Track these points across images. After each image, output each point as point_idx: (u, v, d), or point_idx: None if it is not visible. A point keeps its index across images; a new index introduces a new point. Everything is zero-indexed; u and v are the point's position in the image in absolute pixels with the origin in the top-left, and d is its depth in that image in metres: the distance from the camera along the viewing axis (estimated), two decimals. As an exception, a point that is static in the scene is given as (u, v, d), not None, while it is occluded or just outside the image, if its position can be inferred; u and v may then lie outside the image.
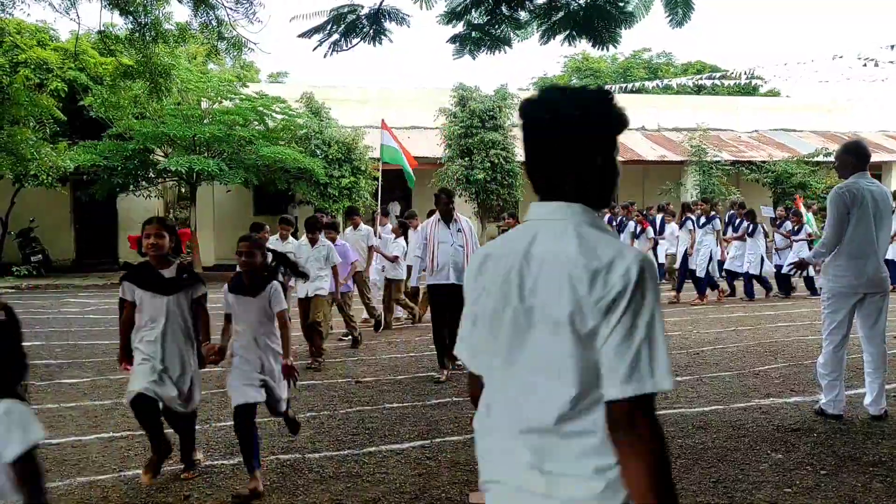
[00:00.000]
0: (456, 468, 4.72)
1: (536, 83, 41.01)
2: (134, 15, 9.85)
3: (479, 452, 1.74)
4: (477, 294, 1.73)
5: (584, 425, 1.54)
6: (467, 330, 1.79)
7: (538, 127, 1.69)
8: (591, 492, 1.52)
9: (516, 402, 1.62)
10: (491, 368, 1.70)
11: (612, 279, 1.50)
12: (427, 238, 7.33)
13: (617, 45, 5.86)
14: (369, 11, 4.90)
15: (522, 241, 1.65)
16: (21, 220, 18.46)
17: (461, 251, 7.29)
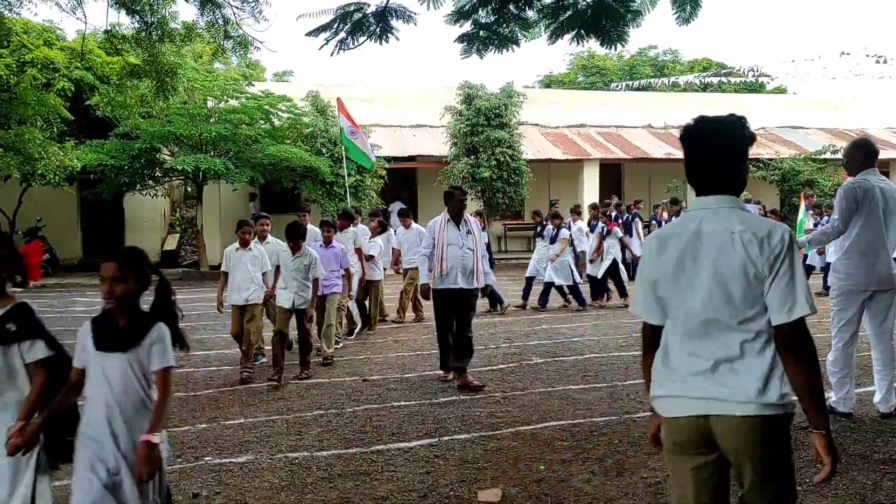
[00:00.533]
0: (464, 466, 4.72)
1: (542, 81, 40.99)
2: (140, 14, 9.87)
3: (659, 373, 2.47)
4: (659, 265, 2.46)
5: (745, 336, 2.33)
6: (643, 293, 2.53)
7: (701, 145, 2.48)
8: (756, 383, 2.29)
9: (697, 329, 2.38)
10: (676, 311, 2.43)
11: (773, 243, 2.30)
12: (435, 238, 6.92)
13: (625, 43, 5.84)
14: (376, 10, 4.89)
15: (693, 224, 2.41)
16: (28, 219, 18.52)
17: (470, 255, 6.88)
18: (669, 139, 24.86)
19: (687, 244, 2.38)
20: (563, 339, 9.24)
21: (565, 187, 22.83)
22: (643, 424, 5.53)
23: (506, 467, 4.69)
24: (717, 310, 2.33)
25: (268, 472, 4.67)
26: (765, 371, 2.29)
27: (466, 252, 6.85)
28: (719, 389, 2.30)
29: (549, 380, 7.13)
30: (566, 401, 6.31)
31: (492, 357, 8.25)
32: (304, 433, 5.48)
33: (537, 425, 5.59)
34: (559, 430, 5.46)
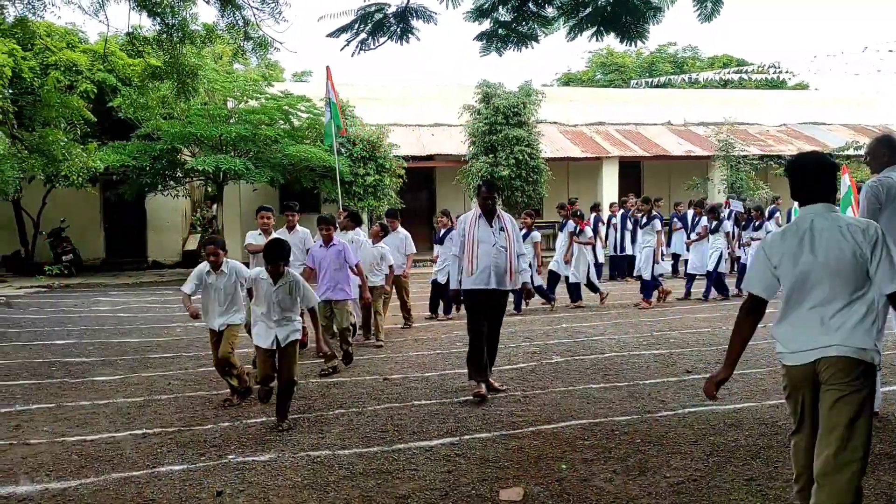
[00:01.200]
0: (485, 465, 4.72)
1: (560, 79, 40.83)
2: (161, 16, 9.96)
3: (783, 334, 3.31)
4: (780, 252, 3.27)
5: (851, 302, 3.13)
6: (762, 273, 3.35)
7: (812, 174, 3.32)
8: (856, 336, 3.10)
9: (814, 299, 3.19)
10: (795, 286, 3.23)
11: (870, 233, 3.13)
12: (465, 236, 6.46)
13: (645, 40, 5.82)
14: (396, 10, 4.90)
15: (805, 223, 3.26)
16: (52, 220, 18.77)
17: (504, 253, 6.41)
18: (689, 136, 24.69)
19: (803, 236, 3.22)
20: (583, 338, 9.20)
21: (584, 185, 22.75)
22: (665, 423, 5.51)
23: (527, 466, 4.69)
24: (831, 283, 3.14)
25: (290, 470, 4.70)
26: (865, 327, 3.11)
27: (500, 250, 6.40)
28: (828, 340, 3.11)
29: (570, 378, 7.11)
30: (587, 399, 6.29)
31: (512, 356, 8.24)
32: (325, 432, 5.51)
33: (558, 424, 5.58)
34: (580, 428, 5.45)
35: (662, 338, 9.22)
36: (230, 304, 6.35)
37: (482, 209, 6.53)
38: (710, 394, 3.60)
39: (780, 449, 4.86)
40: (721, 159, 22.17)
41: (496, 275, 6.39)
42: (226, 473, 4.64)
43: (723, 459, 4.72)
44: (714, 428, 5.39)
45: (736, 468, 4.55)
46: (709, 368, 7.38)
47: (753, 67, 26.90)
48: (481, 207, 6.54)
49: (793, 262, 3.23)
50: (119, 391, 6.95)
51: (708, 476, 4.43)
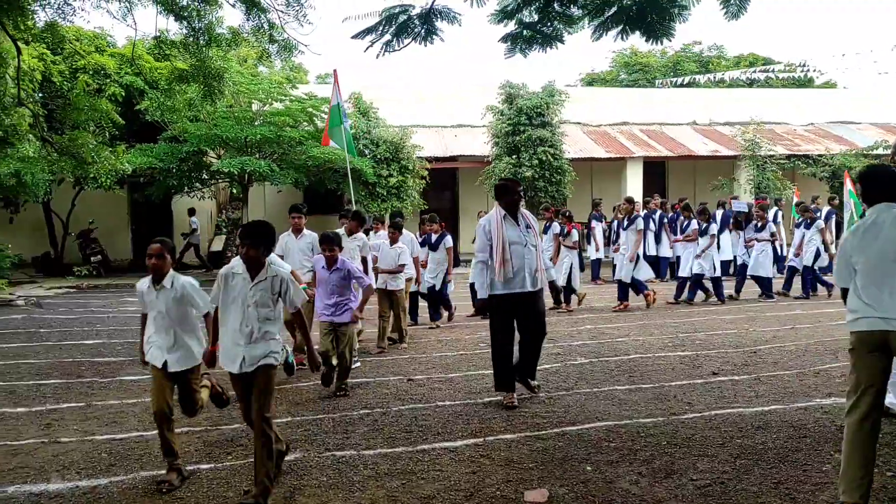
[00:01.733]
0: (510, 466, 4.71)
1: (584, 79, 40.66)
2: (188, 20, 10.07)
3: (853, 304, 3.97)
4: (854, 242, 3.99)
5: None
6: (843, 266, 4.06)
7: (888, 182, 4.04)
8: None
9: (876, 276, 3.88)
10: (863, 267, 3.93)
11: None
12: (493, 237, 6.03)
13: (671, 38, 5.78)
14: (421, 11, 4.92)
15: (870, 218, 3.98)
16: (81, 221, 19.06)
17: (533, 253, 6.11)
18: (715, 136, 24.45)
19: (869, 227, 3.96)
20: (608, 340, 9.15)
21: (608, 186, 22.63)
22: (691, 425, 5.47)
23: (552, 468, 4.67)
24: (888, 263, 3.84)
25: (316, 469, 4.72)
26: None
27: (531, 249, 6.10)
28: (891, 311, 3.79)
29: (594, 380, 7.07)
30: (612, 401, 6.26)
31: (536, 357, 8.21)
32: (350, 432, 5.53)
33: (583, 426, 5.55)
34: (605, 430, 5.42)
35: (688, 339, 9.14)
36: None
37: (508, 207, 6.12)
38: None
39: (809, 452, 4.80)
40: (747, 159, 21.93)
41: (530, 275, 6.08)
42: (252, 472, 4.67)
43: (750, 462, 4.67)
44: (741, 430, 5.34)
45: (764, 471, 4.50)
46: (736, 370, 7.31)
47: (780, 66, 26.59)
48: (508, 206, 6.12)
49: (863, 249, 3.95)
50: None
51: (735, 479, 4.39)
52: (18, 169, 13.68)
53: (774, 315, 11.08)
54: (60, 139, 12.12)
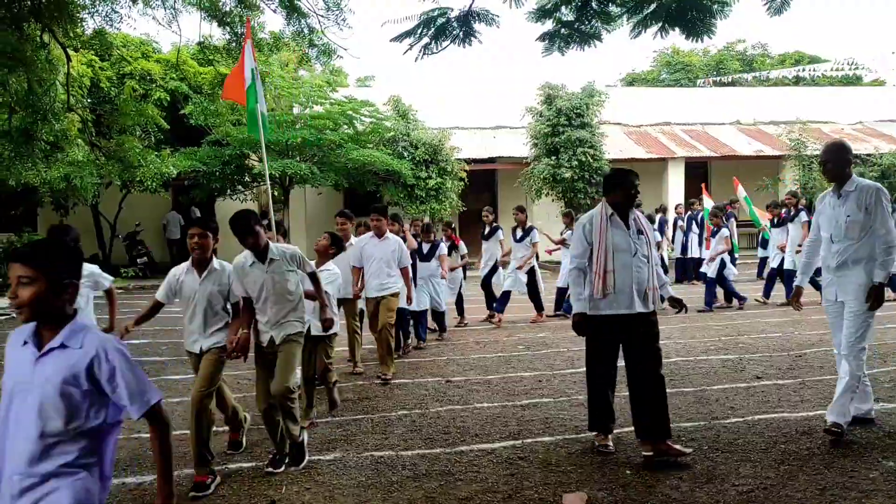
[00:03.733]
0: (548, 469, 4.69)
1: (624, 79, 40.28)
2: (231, 26, 10.27)
3: None
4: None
5: None
6: None
7: None
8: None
9: None
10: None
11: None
12: (594, 241, 4.82)
13: (711, 35, 5.70)
14: (459, 14, 4.93)
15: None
16: (128, 223, 19.51)
17: (646, 266, 4.82)
18: (759, 136, 24.02)
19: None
20: (649, 342, 9.04)
21: (649, 187, 22.34)
22: (734, 430, 5.37)
23: (591, 471, 4.64)
24: None
25: (355, 469, 4.76)
26: None
27: (640, 260, 4.81)
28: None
29: (635, 383, 6.99)
30: (652, 405, 6.18)
31: (575, 359, 8.15)
32: (389, 432, 5.56)
33: (623, 429, 5.49)
34: (646, 434, 5.35)
35: (731, 342, 8.98)
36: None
37: (618, 205, 4.85)
38: None
39: (855, 459, 4.68)
40: (793, 159, 21.48)
41: (639, 293, 4.80)
42: (293, 471, 4.73)
43: (795, 468, 4.57)
44: (786, 435, 5.22)
45: (808, 477, 4.40)
46: (780, 374, 7.16)
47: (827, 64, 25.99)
48: (619, 203, 4.85)
49: None
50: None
51: (779, 485, 4.30)
52: (68, 173, 14.05)
53: (820, 318, 10.78)
54: (108, 144, 12.45)
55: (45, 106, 10.37)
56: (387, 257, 7.54)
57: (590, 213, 4.96)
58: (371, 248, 7.60)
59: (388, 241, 7.64)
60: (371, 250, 7.59)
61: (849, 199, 5.03)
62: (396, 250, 7.60)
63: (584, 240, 4.89)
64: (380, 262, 7.53)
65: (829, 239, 5.12)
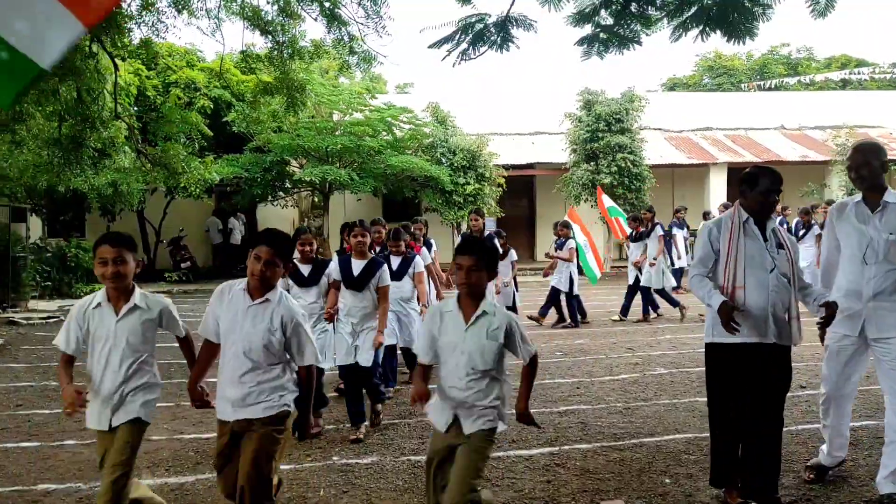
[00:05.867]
0: (585, 476, 4.65)
1: (665, 84, 39.85)
2: (273, 34, 10.43)
3: None
4: None
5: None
6: None
7: None
8: None
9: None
10: None
11: None
12: (722, 250, 4.00)
13: (754, 38, 5.61)
14: (497, 19, 4.95)
15: None
16: (171, 229, 19.92)
17: (786, 286, 3.93)
18: (805, 141, 23.55)
19: None
20: (689, 350, 8.93)
21: (690, 193, 22.08)
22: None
23: (629, 479, 4.59)
24: None
25: (392, 473, 4.78)
26: None
27: (780, 280, 3.91)
28: None
29: (675, 391, 6.91)
30: (692, 413, 6.10)
31: (614, 367, 8.09)
32: (426, 437, 5.56)
33: (662, 437, 5.43)
34: (685, 442, 5.29)
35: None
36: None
37: (755, 210, 3.99)
38: None
39: (905, 471, 4.54)
40: (839, 164, 20.99)
41: (776, 320, 3.91)
42: (331, 474, 4.77)
43: (840, 480, 4.46)
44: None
45: (854, 489, 4.30)
46: (818, 385, 6.97)
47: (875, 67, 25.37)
48: (756, 208, 3.99)
49: None
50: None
51: (823, 496, 4.21)
52: (115, 179, 14.42)
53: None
54: (154, 151, 12.72)
55: (94, 114, 10.65)
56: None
57: (718, 217, 4.18)
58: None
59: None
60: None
61: (888, 212, 4.11)
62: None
63: (708, 245, 4.04)
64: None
65: (859, 261, 4.15)
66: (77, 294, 15.11)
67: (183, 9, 9.94)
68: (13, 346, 9.75)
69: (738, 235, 3.95)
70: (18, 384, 7.59)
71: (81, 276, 15.63)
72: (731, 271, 3.93)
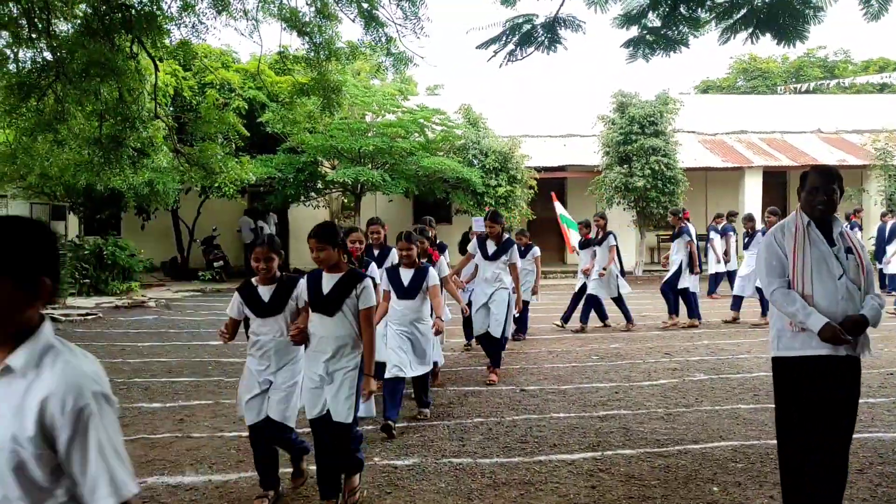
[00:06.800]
0: (631, 482, 4.59)
1: (699, 87, 39.42)
2: (310, 35, 10.47)
3: None
4: None
5: None
6: None
7: None
8: None
9: None
10: None
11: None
12: (790, 256, 3.67)
13: (804, 40, 5.52)
14: (545, 20, 4.91)
15: None
16: (205, 228, 20.12)
17: (856, 294, 3.60)
18: (842, 145, 23.14)
19: None
20: (728, 356, 8.79)
21: (724, 197, 21.80)
22: (825, 450, 5.15)
23: (675, 486, 4.52)
24: None
25: (434, 475, 4.76)
26: None
27: (850, 287, 3.59)
28: None
29: (716, 398, 6.80)
30: (736, 420, 6.00)
31: (651, 371, 7.99)
32: (465, 440, 5.54)
33: (706, 444, 5.34)
34: (731, 450, 5.19)
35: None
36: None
37: (816, 211, 3.68)
38: None
39: (962, 484, 4.43)
40: (878, 168, 20.61)
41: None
42: (373, 474, 4.77)
43: (892, 491, 4.36)
44: (881, 456, 4.99)
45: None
46: (870, 392, 6.84)
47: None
48: (817, 208, 3.67)
49: None
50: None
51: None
52: (151, 178, 14.59)
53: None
54: (191, 150, 12.84)
55: (134, 114, 10.76)
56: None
57: (781, 223, 3.84)
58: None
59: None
60: None
61: None
62: None
63: (779, 252, 3.70)
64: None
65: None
66: (113, 291, 15.33)
67: (223, 10, 10.01)
68: (54, 341, 9.91)
69: (802, 241, 3.65)
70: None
71: (118, 274, 15.85)
72: (797, 279, 3.62)
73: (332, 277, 4.25)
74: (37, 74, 10.14)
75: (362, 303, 4.20)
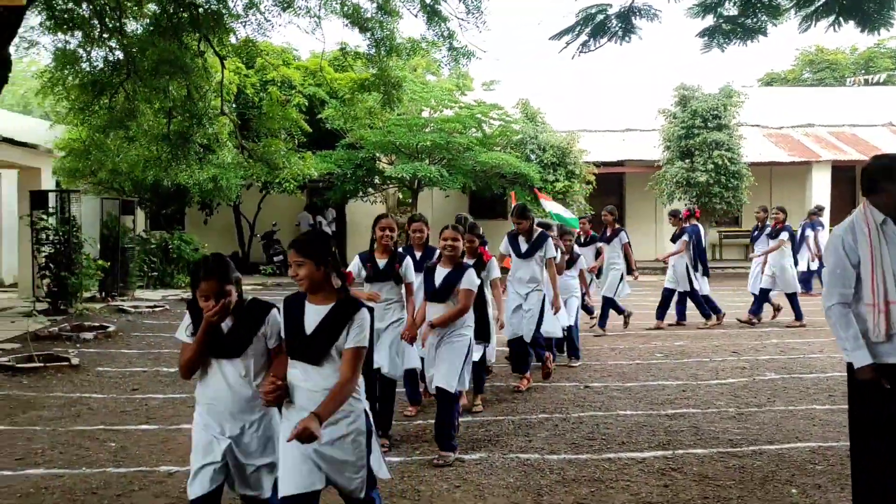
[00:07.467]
0: (705, 482, 4.48)
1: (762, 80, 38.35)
2: (371, 31, 10.54)
3: None
4: None
5: None
6: None
7: None
8: None
9: None
10: None
11: None
12: (863, 261, 3.39)
13: (889, 27, 5.30)
14: (620, 10, 4.82)
15: None
16: (265, 223, 20.48)
17: None
18: (917, 138, 22.23)
19: None
20: (799, 356, 8.52)
21: (790, 192, 21.17)
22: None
23: (752, 487, 4.39)
24: None
25: (502, 470, 4.73)
26: None
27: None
28: None
29: (789, 398, 6.60)
30: (812, 421, 5.80)
31: (719, 370, 7.80)
32: (532, 435, 5.50)
33: (782, 445, 5.19)
34: (809, 451, 5.03)
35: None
36: None
37: (893, 208, 3.37)
38: None
39: None
40: (956, 163, 19.73)
41: None
42: (440, 468, 4.76)
43: None
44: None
45: None
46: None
47: None
48: (894, 206, 3.37)
49: None
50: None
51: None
52: (216, 174, 14.91)
53: None
54: (255, 146, 13.08)
55: (201, 111, 11.02)
56: None
57: (848, 222, 3.46)
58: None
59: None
60: None
61: None
62: None
63: (845, 258, 3.39)
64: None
65: None
66: (178, 284, 15.72)
67: (287, 7, 10.15)
68: (124, 332, 10.19)
69: (878, 241, 3.33)
70: (133, 369, 7.92)
71: (183, 268, 16.23)
72: (879, 284, 3.29)
73: (319, 310, 3.12)
74: (108, 73, 10.45)
75: (351, 341, 3.05)
